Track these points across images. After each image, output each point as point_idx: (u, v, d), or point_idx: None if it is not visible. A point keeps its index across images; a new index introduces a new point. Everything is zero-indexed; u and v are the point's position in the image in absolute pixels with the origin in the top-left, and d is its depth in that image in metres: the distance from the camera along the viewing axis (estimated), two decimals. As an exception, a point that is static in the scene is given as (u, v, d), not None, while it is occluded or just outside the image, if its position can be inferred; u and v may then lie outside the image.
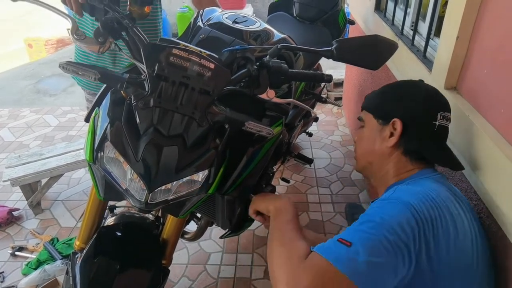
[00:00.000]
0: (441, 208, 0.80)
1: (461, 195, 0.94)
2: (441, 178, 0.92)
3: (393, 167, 0.96)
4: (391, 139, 0.95)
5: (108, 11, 0.95)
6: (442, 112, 0.94)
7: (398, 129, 0.94)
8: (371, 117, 1.02)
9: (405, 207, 0.77)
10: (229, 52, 1.05)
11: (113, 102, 0.99)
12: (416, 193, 0.82)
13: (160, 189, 0.92)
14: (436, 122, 0.93)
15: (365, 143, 1.04)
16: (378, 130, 0.99)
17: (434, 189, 0.85)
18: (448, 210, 0.81)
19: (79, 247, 1.20)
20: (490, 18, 1.01)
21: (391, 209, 0.79)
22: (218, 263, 1.93)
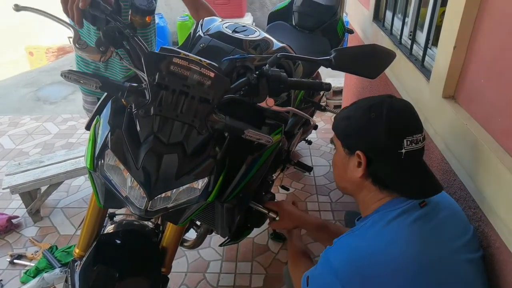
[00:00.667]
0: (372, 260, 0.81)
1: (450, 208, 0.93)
2: (411, 207, 0.87)
3: (367, 195, 0.94)
4: (358, 169, 0.92)
5: (109, 20, 0.97)
6: (409, 136, 0.87)
7: (363, 162, 0.90)
8: (340, 144, 0.99)
9: (329, 270, 0.86)
10: (229, 61, 1.06)
11: (114, 111, 1.00)
12: (345, 252, 0.87)
13: (160, 197, 0.93)
14: (402, 150, 0.86)
15: (338, 170, 1.02)
16: (346, 159, 0.96)
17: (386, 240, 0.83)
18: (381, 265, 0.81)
19: (79, 254, 1.19)
20: (487, 28, 1.02)
21: (321, 269, 0.91)
22: (217, 271, 1.92)
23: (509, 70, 0.91)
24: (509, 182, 0.85)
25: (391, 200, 0.90)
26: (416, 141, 0.88)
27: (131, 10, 0.96)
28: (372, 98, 0.97)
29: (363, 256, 0.83)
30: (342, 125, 0.98)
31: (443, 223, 0.89)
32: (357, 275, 0.81)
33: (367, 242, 0.85)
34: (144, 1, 0.96)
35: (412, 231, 0.84)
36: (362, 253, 0.83)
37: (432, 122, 1.26)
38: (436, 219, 0.88)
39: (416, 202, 0.89)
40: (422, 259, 0.81)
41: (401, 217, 0.86)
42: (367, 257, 0.82)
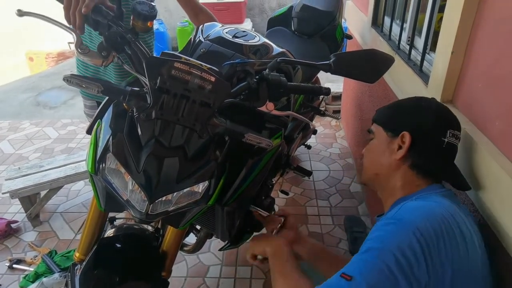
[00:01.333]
0: (450, 224, 0.78)
1: (469, 212, 0.94)
2: (449, 194, 0.91)
3: (400, 181, 0.96)
4: (399, 151, 0.95)
5: (111, 26, 0.98)
6: (451, 130, 0.93)
7: (407, 142, 0.93)
8: (381, 130, 1.02)
9: (408, 230, 0.76)
10: (229, 66, 1.07)
11: (115, 115, 1.01)
12: (423, 211, 0.81)
13: (160, 200, 0.93)
14: (445, 139, 0.92)
15: (373, 155, 1.04)
16: (387, 142, 0.99)
17: (442, 205, 0.83)
18: (457, 226, 0.79)
19: (79, 258, 1.20)
20: (484, 34, 1.03)
21: (393, 233, 0.78)
22: (217, 276, 1.92)
23: (507, 75, 0.92)
24: (508, 186, 0.86)
25: (428, 186, 0.93)
26: (456, 136, 0.94)
27: (133, 15, 0.97)
28: (417, 96, 1.07)
29: (438, 212, 0.80)
30: (387, 112, 1.04)
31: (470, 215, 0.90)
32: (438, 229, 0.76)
33: (441, 205, 0.83)
34: (145, 6, 0.97)
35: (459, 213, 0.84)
36: (436, 210, 0.80)
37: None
38: (466, 211, 0.89)
39: (451, 192, 0.92)
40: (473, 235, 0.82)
41: (446, 198, 0.88)
42: (441, 214, 0.79)
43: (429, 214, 0.79)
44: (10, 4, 1.34)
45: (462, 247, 0.78)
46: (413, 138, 0.93)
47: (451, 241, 0.77)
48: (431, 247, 0.74)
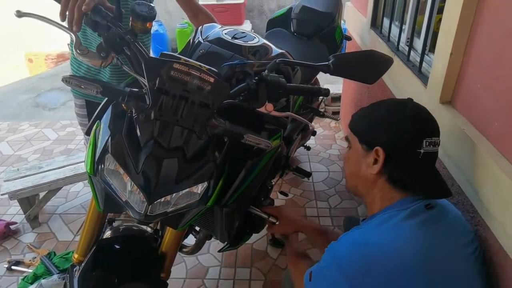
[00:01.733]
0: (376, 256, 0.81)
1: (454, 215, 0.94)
2: (416, 210, 0.88)
3: (378, 194, 0.95)
4: (374, 166, 0.93)
5: (111, 26, 0.98)
6: (428, 138, 0.90)
7: (381, 157, 0.91)
8: (356, 141, 0.99)
9: (332, 262, 0.87)
10: (228, 67, 1.07)
11: (114, 115, 1.01)
12: (350, 245, 0.88)
13: (159, 201, 0.93)
14: (421, 150, 0.89)
15: (351, 166, 1.02)
16: (362, 155, 0.97)
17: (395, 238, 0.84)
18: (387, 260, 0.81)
19: (78, 260, 1.19)
20: (483, 35, 1.03)
21: (327, 262, 0.90)
22: (216, 277, 1.92)
23: (505, 76, 0.93)
24: (507, 186, 0.86)
25: (400, 200, 0.91)
26: (433, 144, 0.91)
27: (132, 16, 0.97)
28: (392, 99, 1.03)
29: (371, 251, 0.83)
30: (362, 122, 1.00)
31: (449, 226, 0.90)
32: (363, 269, 0.81)
33: (375, 238, 0.85)
34: (145, 7, 0.97)
35: (420, 232, 0.85)
36: (370, 248, 0.83)
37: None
38: (442, 222, 0.89)
39: (422, 204, 0.90)
40: (428, 258, 0.81)
41: (410, 218, 0.86)
42: (375, 252, 0.82)
43: (359, 252, 0.85)
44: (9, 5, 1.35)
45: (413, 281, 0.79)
46: (387, 153, 0.91)
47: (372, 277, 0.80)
48: (354, 282, 0.81)
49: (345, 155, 1.07)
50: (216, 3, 5.07)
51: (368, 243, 0.85)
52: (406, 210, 0.88)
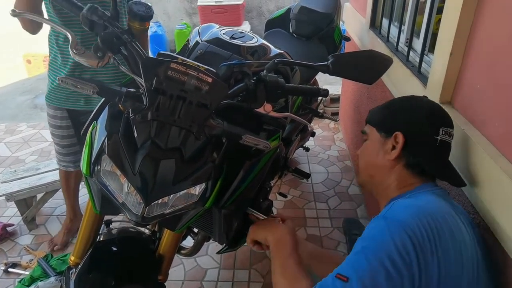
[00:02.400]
0: (439, 222, 0.79)
1: (463, 210, 0.94)
2: (442, 192, 0.92)
3: (395, 181, 0.96)
4: (392, 152, 0.95)
5: (107, 26, 0.97)
6: (444, 127, 0.94)
7: (400, 142, 0.94)
8: (374, 131, 1.02)
9: (400, 228, 0.76)
10: (226, 67, 1.06)
11: (110, 116, 1.00)
12: (413, 208, 0.82)
13: (156, 203, 0.92)
14: (438, 137, 0.93)
15: (368, 156, 1.04)
16: (380, 143, 0.99)
17: (433, 202, 0.85)
18: (447, 224, 0.80)
19: (74, 262, 1.18)
20: (483, 35, 1.03)
21: (385, 232, 0.78)
22: (215, 279, 1.91)
23: (505, 75, 0.92)
24: (507, 187, 0.85)
25: (421, 185, 0.93)
26: (449, 134, 0.95)
27: (129, 16, 0.97)
28: (408, 95, 1.08)
29: (433, 211, 0.81)
30: (380, 113, 1.04)
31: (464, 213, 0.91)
32: (430, 231, 0.77)
33: (430, 203, 0.85)
34: (142, 7, 0.96)
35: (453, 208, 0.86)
36: (431, 209, 0.82)
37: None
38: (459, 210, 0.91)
39: (445, 191, 0.93)
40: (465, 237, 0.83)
41: (440, 196, 0.89)
42: (433, 212, 0.81)
43: (419, 212, 0.80)
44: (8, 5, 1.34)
45: (451, 246, 0.78)
46: (406, 138, 0.94)
47: (441, 240, 0.77)
48: (422, 245, 0.75)
49: (361, 149, 1.08)
50: (214, 4, 5.07)
51: (425, 205, 0.84)
52: (430, 192, 0.90)
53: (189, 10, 5.72)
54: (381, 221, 0.82)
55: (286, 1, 5.54)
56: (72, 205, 2.16)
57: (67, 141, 1.88)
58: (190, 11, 5.72)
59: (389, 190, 0.97)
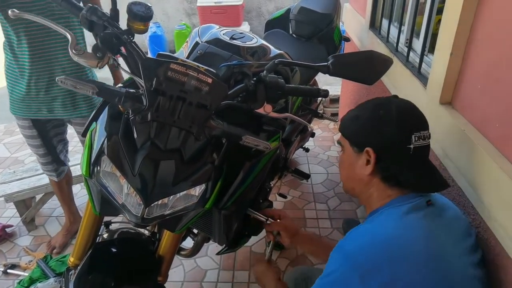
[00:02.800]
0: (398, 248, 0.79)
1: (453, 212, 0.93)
2: (420, 203, 0.89)
3: (375, 193, 0.95)
4: (367, 167, 0.93)
5: (107, 26, 0.96)
6: (416, 132, 0.89)
7: (372, 158, 0.91)
8: (347, 144, 0.99)
9: (343, 259, 0.82)
10: (226, 67, 1.06)
11: (110, 117, 1.00)
12: (364, 238, 0.84)
13: (156, 204, 0.92)
14: (410, 145, 0.88)
15: (346, 169, 1.02)
16: (354, 157, 0.97)
17: (387, 227, 0.84)
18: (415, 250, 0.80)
19: (73, 263, 1.17)
20: (483, 35, 1.03)
21: (337, 262, 0.84)
22: (214, 280, 1.90)
23: (506, 76, 0.92)
24: (508, 187, 0.85)
25: (398, 197, 0.91)
26: (423, 137, 0.90)
27: (129, 16, 0.96)
28: (378, 98, 1.00)
29: (384, 240, 0.81)
30: (350, 125, 1.00)
31: (450, 223, 0.89)
32: (379, 259, 0.78)
33: (383, 229, 0.85)
34: (141, 7, 0.96)
35: (425, 223, 0.85)
36: (382, 237, 0.82)
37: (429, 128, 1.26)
38: (443, 218, 0.89)
39: (423, 200, 0.90)
40: (435, 250, 0.81)
41: (413, 211, 0.86)
42: (388, 241, 0.80)
43: (371, 243, 0.82)
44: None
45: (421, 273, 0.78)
46: (377, 153, 0.91)
47: (400, 267, 0.77)
48: (367, 278, 0.77)
49: (339, 160, 1.06)
50: (214, 4, 5.06)
51: (378, 233, 0.84)
52: (407, 205, 0.88)
53: (189, 11, 5.72)
54: (337, 250, 0.87)
55: (286, 2, 5.54)
56: (69, 208, 2.16)
57: (41, 150, 1.87)
58: (189, 11, 5.72)
59: (371, 200, 0.96)
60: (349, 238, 0.88)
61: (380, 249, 0.80)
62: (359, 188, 0.99)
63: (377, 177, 0.93)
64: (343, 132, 1.01)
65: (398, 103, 0.94)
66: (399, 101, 0.95)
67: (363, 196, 0.99)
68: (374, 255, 0.79)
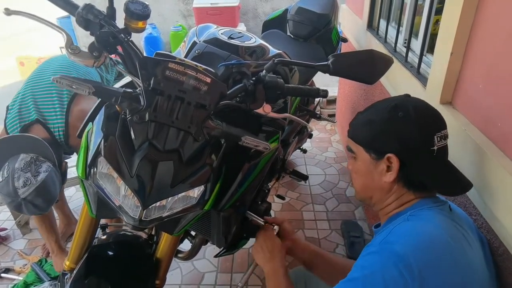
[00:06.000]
0: (441, 249, 0.76)
1: (467, 219, 0.92)
2: (443, 207, 0.86)
3: (395, 199, 0.90)
4: (389, 174, 0.87)
5: (103, 25, 0.94)
6: (438, 133, 0.85)
7: (395, 165, 0.86)
8: (361, 150, 0.93)
9: (393, 262, 0.74)
10: (225, 67, 1.04)
11: (107, 117, 0.98)
12: (410, 237, 0.78)
13: (154, 206, 0.90)
14: (434, 147, 0.84)
15: (362, 178, 0.95)
16: (372, 164, 0.91)
17: (435, 224, 0.80)
18: (450, 249, 0.77)
19: (69, 267, 1.16)
20: (484, 34, 1.02)
21: (376, 264, 0.77)
22: (212, 283, 1.88)
23: (508, 74, 0.91)
24: (510, 187, 0.84)
25: (421, 200, 0.87)
26: (444, 137, 0.87)
27: (126, 15, 0.94)
28: (390, 99, 0.95)
29: (432, 243, 0.77)
30: (363, 130, 0.92)
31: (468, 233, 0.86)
32: (430, 262, 0.74)
33: (433, 229, 0.79)
34: (139, 5, 0.94)
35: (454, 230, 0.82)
36: (430, 239, 0.77)
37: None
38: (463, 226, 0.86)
39: (446, 205, 0.87)
40: (469, 258, 0.79)
41: (445, 216, 0.83)
42: (436, 244, 0.77)
43: (418, 242, 0.76)
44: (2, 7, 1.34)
45: (458, 272, 0.75)
46: (400, 159, 0.85)
47: (441, 270, 0.73)
48: (415, 279, 0.71)
49: (352, 168, 0.99)
50: (210, 6, 5.05)
51: (426, 234, 0.78)
52: (434, 209, 0.85)
53: (185, 12, 5.70)
54: (374, 251, 0.80)
55: (282, 3, 5.54)
56: (62, 211, 2.13)
57: None
58: (185, 13, 5.71)
59: (389, 207, 0.92)
60: (392, 237, 0.81)
61: (431, 249, 0.75)
62: (378, 196, 0.93)
63: (399, 184, 0.88)
64: (356, 138, 0.94)
65: (415, 102, 0.89)
66: (415, 100, 0.90)
67: (381, 204, 0.93)
68: (426, 256, 0.74)
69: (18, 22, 7.22)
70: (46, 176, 1.54)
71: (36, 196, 1.50)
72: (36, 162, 1.56)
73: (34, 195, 1.50)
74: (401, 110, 0.87)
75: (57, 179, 1.62)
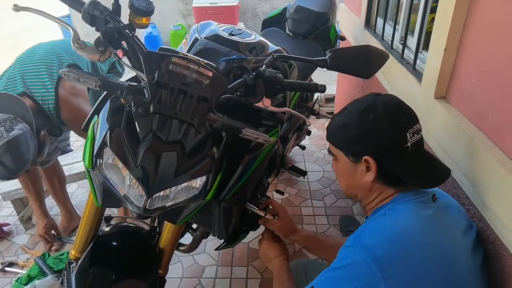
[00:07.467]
0: (409, 243, 0.80)
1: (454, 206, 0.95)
2: (424, 199, 0.90)
3: (377, 196, 0.95)
4: (369, 174, 0.91)
5: (108, 21, 0.98)
6: (410, 129, 0.88)
7: (373, 166, 0.90)
8: (341, 153, 0.97)
9: (363, 255, 0.79)
10: (226, 62, 1.08)
11: (112, 109, 1.01)
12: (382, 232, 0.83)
13: (158, 195, 0.93)
14: (408, 144, 0.87)
15: (345, 179, 1.00)
16: (352, 166, 0.95)
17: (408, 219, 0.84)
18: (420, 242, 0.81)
19: (75, 256, 1.18)
20: (476, 30, 1.05)
21: (351, 256, 0.82)
22: (213, 276, 1.91)
23: (498, 69, 0.94)
24: (502, 177, 0.87)
25: (400, 194, 0.91)
26: (416, 132, 0.90)
27: (130, 11, 0.97)
28: (360, 100, 0.96)
29: (401, 233, 0.81)
30: (340, 134, 0.96)
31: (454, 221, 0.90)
32: (398, 252, 0.78)
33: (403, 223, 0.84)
34: (143, 2, 0.97)
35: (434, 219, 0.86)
36: (400, 230, 0.82)
37: (424, 123, 1.27)
38: (448, 217, 0.90)
39: (428, 195, 0.90)
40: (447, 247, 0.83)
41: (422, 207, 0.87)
42: (405, 235, 0.81)
43: (387, 235, 0.81)
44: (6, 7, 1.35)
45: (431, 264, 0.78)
46: (377, 160, 0.89)
47: (411, 262, 0.77)
48: (384, 270, 0.76)
49: (335, 169, 1.04)
50: (210, 5, 5.08)
51: (396, 227, 0.83)
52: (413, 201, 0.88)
53: (184, 12, 5.73)
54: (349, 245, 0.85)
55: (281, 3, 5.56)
56: (64, 207, 2.16)
57: None
58: (185, 12, 5.73)
59: (372, 203, 0.97)
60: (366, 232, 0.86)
61: (399, 242, 0.79)
62: (362, 194, 0.98)
63: (380, 183, 0.92)
64: (334, 142, 0.99)
65: (384, 102, 0.91)
66: (384, 100, 0.92)
67: (366, 200, 0.98)
68: (394, 248, 0.78)
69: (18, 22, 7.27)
70: (20, 134, 1.50)
71: (5, 152, 1.46)
72: (13, 120, 1.52)
73: (3, 150, 1.46)
74: (372, 112, 0.90)
75: (32, 143, 1.57)
